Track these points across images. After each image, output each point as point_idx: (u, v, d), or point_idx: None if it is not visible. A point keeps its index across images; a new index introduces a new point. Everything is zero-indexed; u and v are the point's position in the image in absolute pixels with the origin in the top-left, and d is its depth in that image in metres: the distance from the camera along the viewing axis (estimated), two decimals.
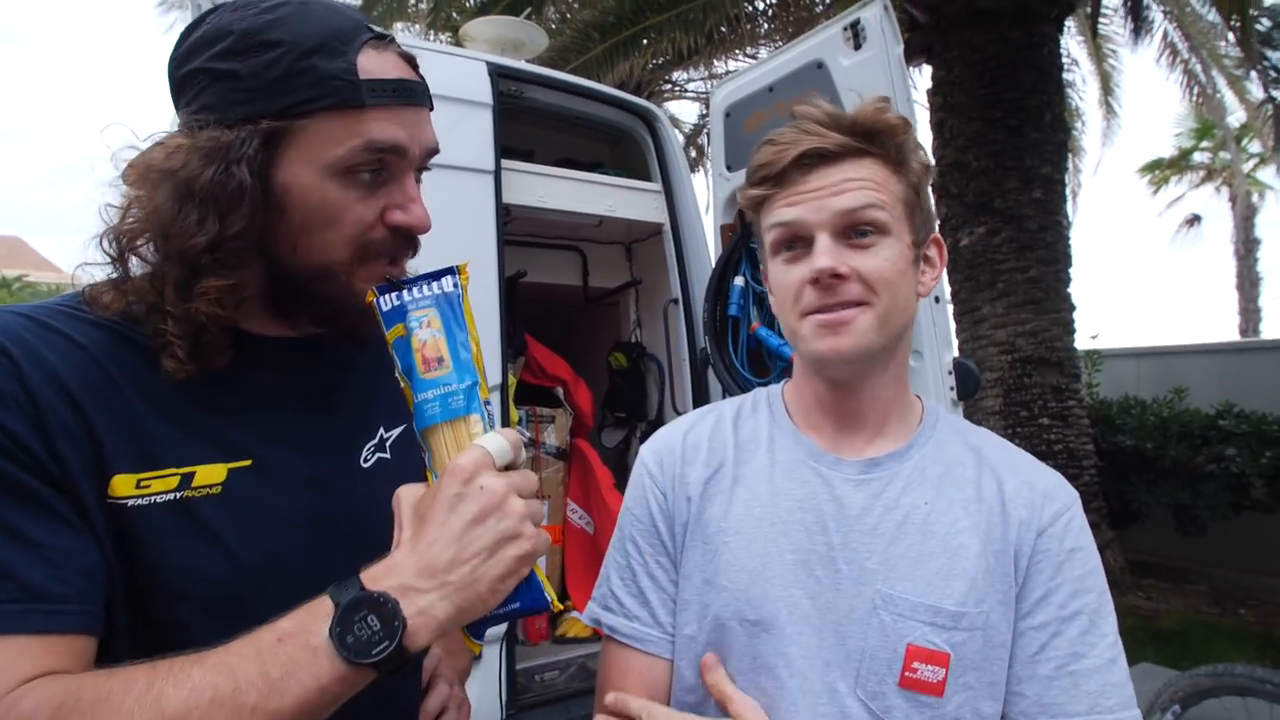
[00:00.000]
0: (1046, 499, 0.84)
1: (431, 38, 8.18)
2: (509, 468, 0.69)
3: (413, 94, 0.76)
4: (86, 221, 0.71)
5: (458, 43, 3.37)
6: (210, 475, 0.71)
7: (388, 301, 0.74)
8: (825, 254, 0.81)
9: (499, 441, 0.68)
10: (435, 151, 0.81)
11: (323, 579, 0.75)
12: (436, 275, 0.75)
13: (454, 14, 7.99)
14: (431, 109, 0.81)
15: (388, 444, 0.89)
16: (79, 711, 0.55)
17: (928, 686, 0.78)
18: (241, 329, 0.77)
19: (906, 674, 0.78)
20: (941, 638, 0.78)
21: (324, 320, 0.81)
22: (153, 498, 0.67)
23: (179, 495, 0.69)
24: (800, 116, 0.87)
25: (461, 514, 0.64)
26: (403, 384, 0.72)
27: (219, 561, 0.70)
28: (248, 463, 0.74)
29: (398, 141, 0.74)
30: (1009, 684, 0.80)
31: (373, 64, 0.73)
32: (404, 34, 9.14)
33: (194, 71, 0.71)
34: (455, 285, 0.74)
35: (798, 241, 0.85)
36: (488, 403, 0.72)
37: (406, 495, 0.69)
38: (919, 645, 0.78)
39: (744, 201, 0.92)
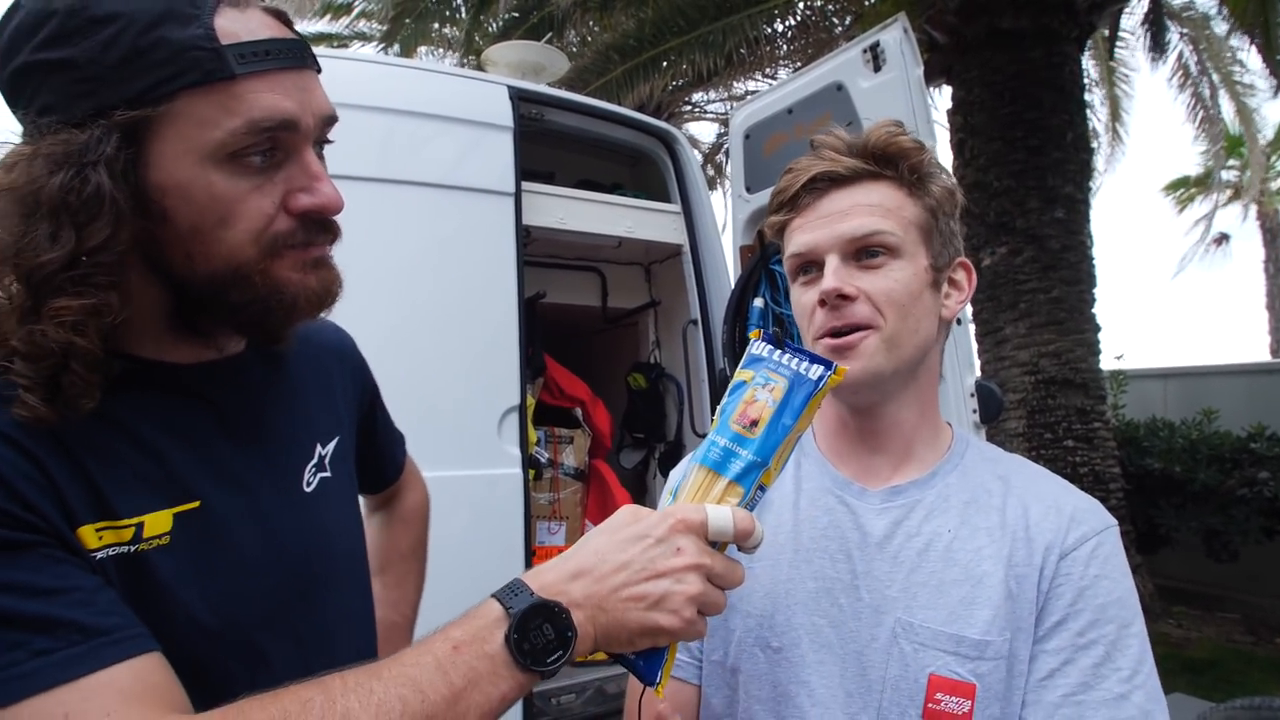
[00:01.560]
0: (1073, 522, 0.81)
1: (465, 64, 8.30)
2: (722, 546, 0.68)
3: (291, 55, 0.64)
4: None
5: (480, 67, 3.42)
6: (158, 524, 0.64)
7: (760, 348, 0.75)
8: (832, 275, 0.82)
9: (724, 517, 0.66)
10: (333, 119, 0.69)
11: (284, 622, 0.74)
12: (815, 358, 0.73)
13: (478, 39, 8.12)
14: (319, 71, 0.68)
15: (326, 461, 0.84)
16: None
17: (952, 719, 0.76)
18: (154, 359, 0.68)
19: (930, 706, 0.76)
20: (966, 668, 0.76)
21: (246, 328, 0.73)
22: (107, 550, 0.61)
23: (132, 549, 0.62)
24: (817, 144, 0.88)
25: (644, 557, 0.63)
26: (714, 419, 0.74)
27: (177, 621, 0.64)
28: (195, 505, 0.67)
29: (286, 114, 0.62)
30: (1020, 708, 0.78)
31: (235, 25, 0.61)
32: (429, 58, 9.31)
33: (21, 69, 0.59)
34: (820, 380, 0.71)
35: (811, 266, 0.87)
36: (763, 489, 0.70)
37: (627, 513, 0.68)
38: (942, 675, 0.77)
39: (768, 230, 0.93)
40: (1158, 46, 7.33)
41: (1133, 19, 7.56)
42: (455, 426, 2.31)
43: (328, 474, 0.84)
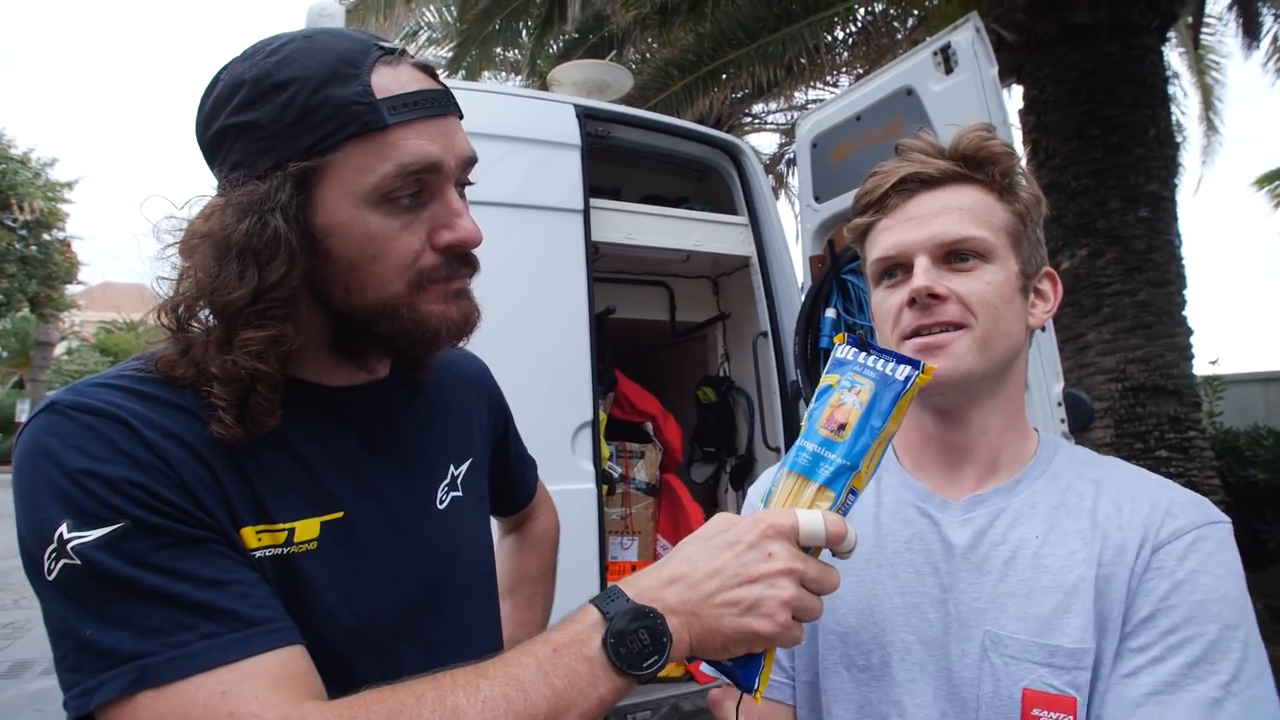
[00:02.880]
0: (1168, 516, 0.75)
1: (529, 85, 8.47)
2: (816, 551, 0.68)
3: (436, 104, 0.71)
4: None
5: (545, 87, 3.49)
6: (307, 530, 0.71)
7: (844, 351, 0.75)
8: (923, 275, 0.81)
9: (814, 521, 0.65)
10: (473, 160, 0.76)
11: (417, 629, 0.78)
12: (902, 359, 0.72)
13: (540, 61, 8.27)
14: (461, 116, 0.76)
15: (458, 481, 0.89)
16: None
17: None
18: (313, 382, 0.76)
19: None
20: (1062, 680, 0.71)
21: (395, 354, 0.80)
22: (265, 550, 0.68)
23: (285, 551, 0.69)
24: (904, 148, 0.87)
25: (736, 563, 0.64)
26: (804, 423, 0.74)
27: (321, 619, 0.69)
28: (340, 515, 0.73)
29: (430, 158, 0.69)
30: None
31: (387, 81, 0.69)
32: (492, 80, 9.54)
33: (219, 131, 0.69)
34: (907, 380, 0.70)
35: (898, 269, 0.85)
36: (854, 493, 0.69)
37: (720, 520, 0.69)
38: (1036, 690, 0.72)
39: (850, 233, 0.92)
40: (1250, 31, 6.94)
41: (1219, 4, 7.18)
42: (530, 443, 2.33)
43: (459, 493, 0.89)
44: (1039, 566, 0.77)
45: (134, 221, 0.71)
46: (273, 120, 0.66)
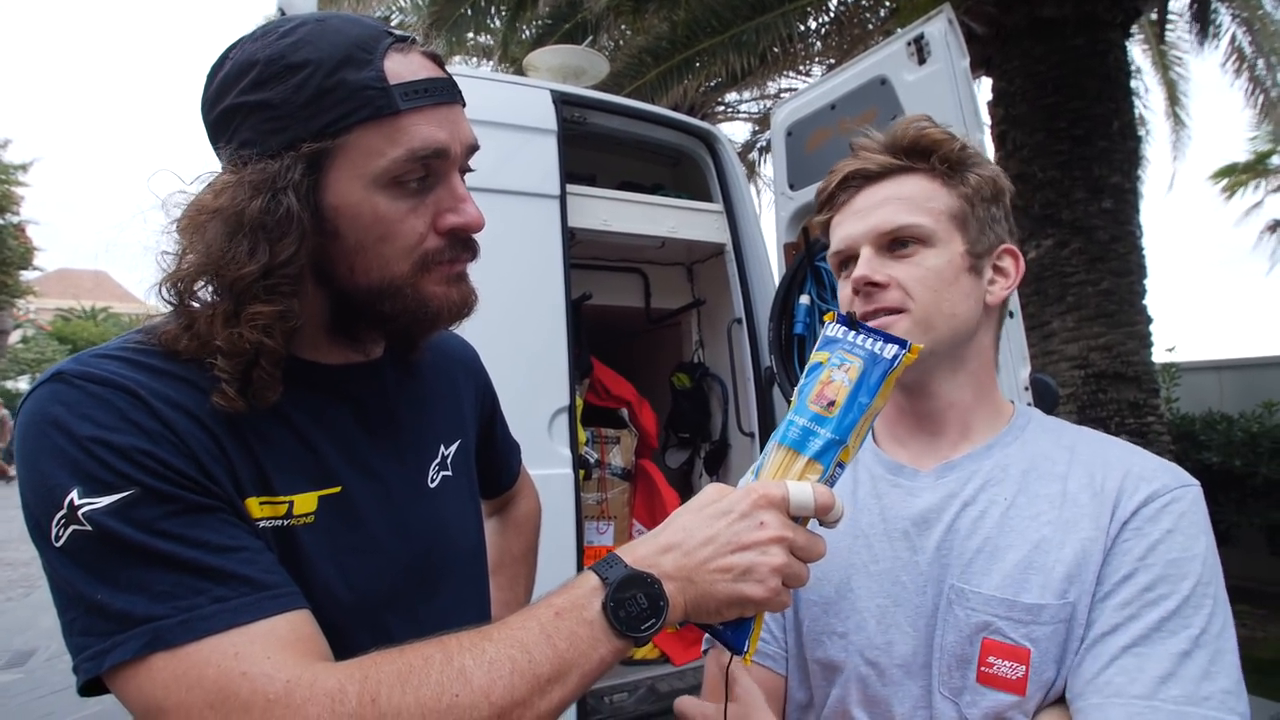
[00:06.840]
0: (1142, 480, 0.79)
1: (501, 70, 8.38)
2: (804, 521, 0.70)
3: (444, 92, 0.73)
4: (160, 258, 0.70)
5: (520, 73, 3.46)
6: (306, 504, 0.72)
7: (835, 330, 0.78)
8: (864, 264, 0.86)
9: (804, 492, 0.68)
10: (476, 148, 0.78)
11: (406, 604, 0.80)
12: (889, 338, 0.75)
13: (512, 46, 8.19)
14: (464, 105, 0.78)
15: (448, 460, 0.91)
16: (385, 684, 0.57)
17: (1007, 684, 0.75)
18: (309, 360, 0.77)
19: (982, 669, 0.76)
20: (1019, 633, 0.76)
21: (392, 335, 0.81)
22: (267, 521, 0.69)
23: (284, 523, 0.70)
24: (855, 146, 0.93)
25: (729, 531, 0.67)
26: (793, 398, 0.76)
27: (316, 591, 0.70)
28: (337, 489, 0.75)
29: (439, 144, 0.71)
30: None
31: (400, 67, 0.70)
32: (463, 65, 9.42)
33: (228, 109, 0.69)
34: (895, 358, 0.73)
35: (850, 260, 0.90)
36: (841, 465, 0.72)
37: (712, 490, 0.72)
38: (994, 640, 0.76)
39: (816, 228, 0.97)
40: (1203, 29, 7.11)
41: (1179, 2, 7.35)
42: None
43: (449, 473, 0.91)
44: (1005, 526, 0.81)
45: (93, 206, 0.71)
46: (286, 100, 0.67)
